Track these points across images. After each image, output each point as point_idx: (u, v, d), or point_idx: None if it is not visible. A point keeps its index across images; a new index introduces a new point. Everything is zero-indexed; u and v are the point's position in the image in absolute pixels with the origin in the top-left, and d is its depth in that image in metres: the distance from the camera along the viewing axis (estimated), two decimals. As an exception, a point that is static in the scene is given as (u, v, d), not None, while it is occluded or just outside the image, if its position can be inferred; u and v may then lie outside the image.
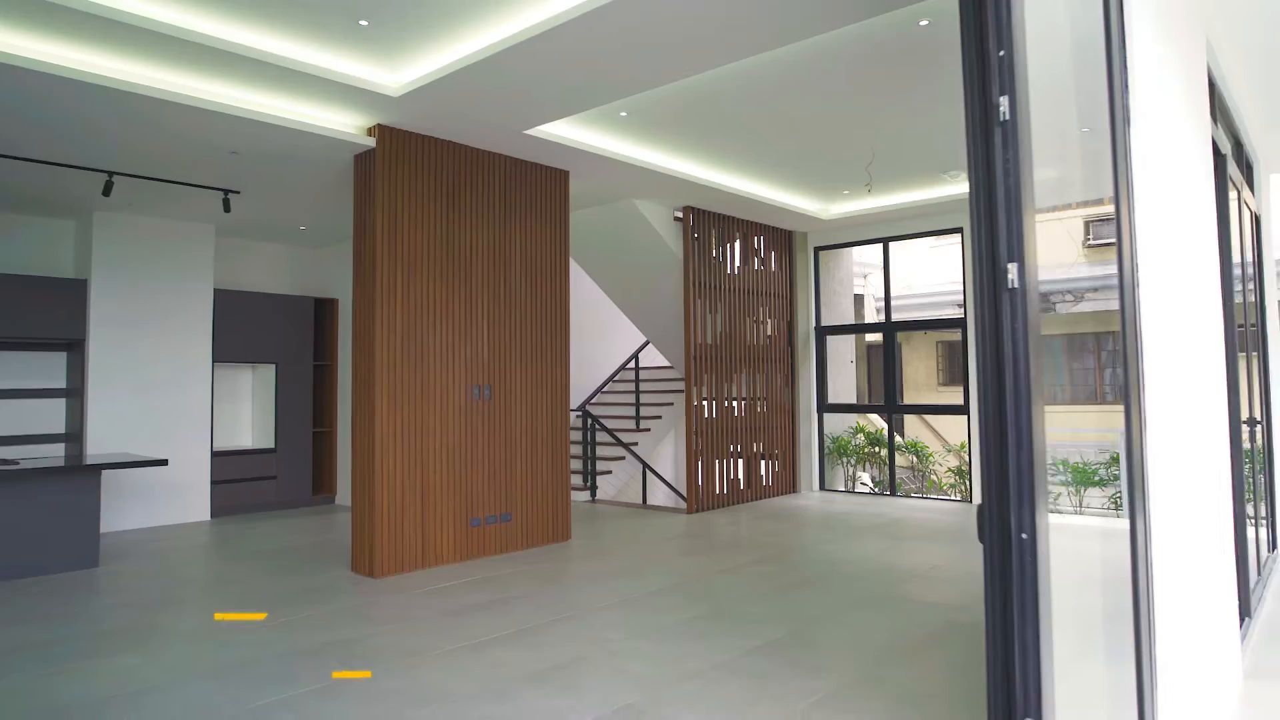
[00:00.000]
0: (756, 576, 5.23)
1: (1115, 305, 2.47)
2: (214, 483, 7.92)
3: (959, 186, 7.67)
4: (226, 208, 6.46)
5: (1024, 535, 1.60)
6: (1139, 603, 2.22)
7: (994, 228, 1.70)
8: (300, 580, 5.26)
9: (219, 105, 4.72)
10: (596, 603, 4.64)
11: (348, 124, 5.27)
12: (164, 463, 5.77)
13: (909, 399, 14.97)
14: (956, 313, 13.29)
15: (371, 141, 5.34)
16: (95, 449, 7.04)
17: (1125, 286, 2.41)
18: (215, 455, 7.97)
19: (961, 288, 14.12)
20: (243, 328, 8.27)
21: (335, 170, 5.92)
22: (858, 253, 10.64)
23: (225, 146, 5.37)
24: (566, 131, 5.83)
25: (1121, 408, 2.41)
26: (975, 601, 4.55)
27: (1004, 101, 1.66)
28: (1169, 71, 2.91)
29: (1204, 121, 3.60)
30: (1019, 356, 1.65)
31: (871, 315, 14.34)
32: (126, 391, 7.26)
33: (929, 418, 13.15)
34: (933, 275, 14.30)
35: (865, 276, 14.08)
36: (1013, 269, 1.66)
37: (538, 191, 6.33)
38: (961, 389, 9.55)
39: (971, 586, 4.90)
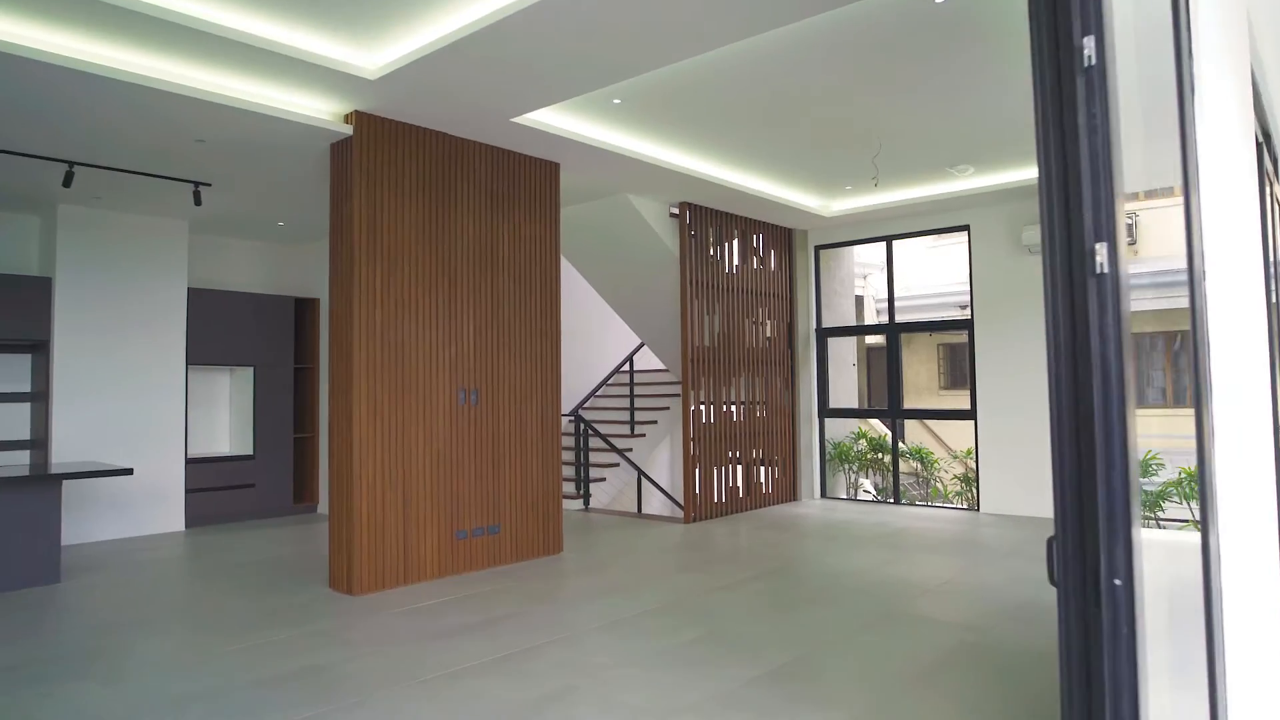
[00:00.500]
0: (757, 593, 4.90)
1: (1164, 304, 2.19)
2: (189, 491, 7.56)
3: (967, 181, 7.37)
4: (197, 201, 6.11)
5: (1117, 581, 1.28)
6: (1211, 624, 1.90)
7: (1075, 200, 1.38)
8: (274, 598, 4.91)
9: (182, 87, 4.38)
10: (588, 624, 4.31)
11: (322, 110, 4.94)
12: (129, 472, 5.42)
13: (909, 403, 14.69)
14: (959, 314, 13.01)
15: (348, 129, 5.01)
16: (61, 456, 6.68)
17: (1194, 284, 2.11)
18: (190, 462, 7.62)
19: (963, 288, 13.87)
20: (219, 329, 7.92)
21: (311, 161, 5.59)
22: (857, 253, 10.34)
23: (191, 133, 5.03)
24: (556, 120, 5.52)
25: (1177, 411, 2.11)
26: (990, 620, 4.24)
27: (1089, 43, 1.35)
28: (1225, 55, 2.62)
29: (1249, 111, 3.32)
30: (1109, 356, 1.33)
31: (871, 317, 14.05)
32: (94, 396, 6.90)
33: (931, 423, 12.86)
34: (932, 276, 14.03)
35: (864, 277, 13.79)
36: (1101, 250, 1.35)
37: (527, 184, 6.00)
38: (967, 393, 9.27)
39: (985, 602, 4.59)
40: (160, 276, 7.38)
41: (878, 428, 10.24)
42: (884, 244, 8.91)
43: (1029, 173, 7.06)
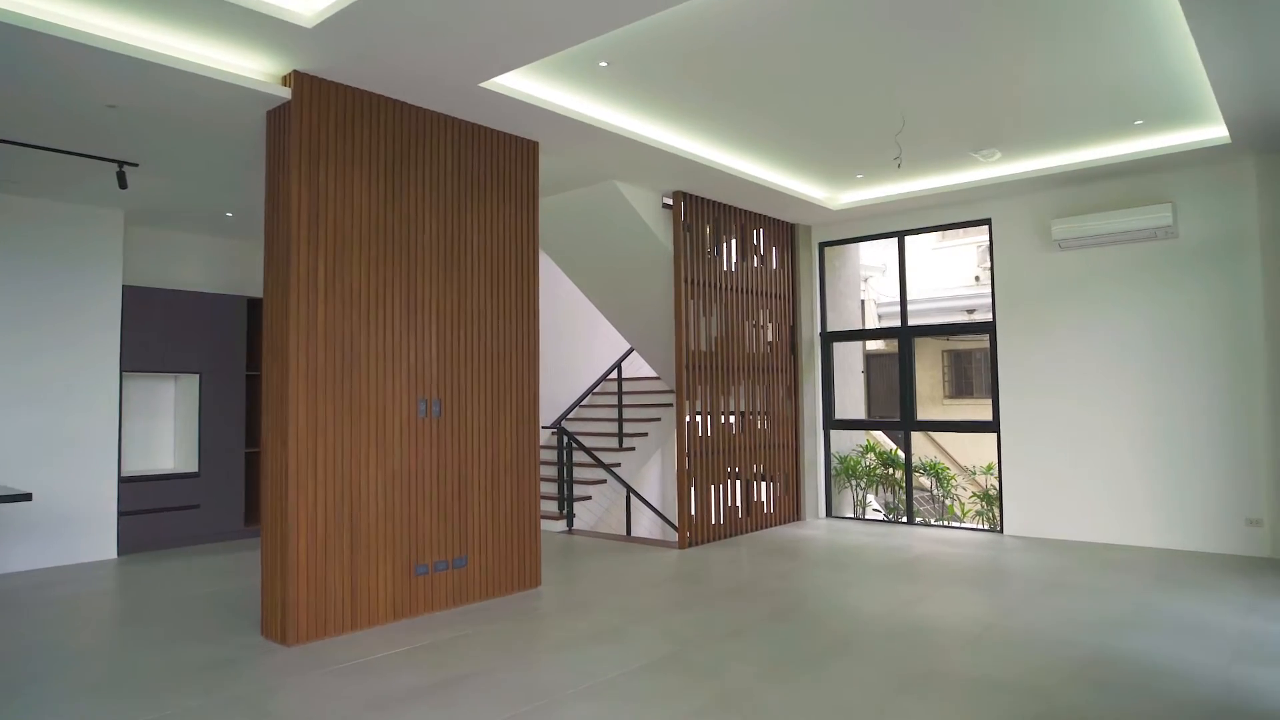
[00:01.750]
0: (770, 641, 4.14)
1: None
2: (122, 514, 6.73)
3: (990, 169, 6.67)
4: (122, 183, 5.32)
5: None
6: None
7: None
8: (194, 649, 4.11)
9: (81, 34, 3.59)
10: (568, 685, 3.53)
11: (254, 69, 4.16)
12: (26, 497, 4.59)
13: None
14: (966, 319, 12.32)
15: (286, 93, 4.24)
16: (-32, 476, 5.85)
17: None
18: (124, 481, 6.78)
19: (970, 291, 13.21)
20: (160, 332, 7.11)
21: (248, 135, 4.81)
22: (860, 253, 9.63)
23: (99, 96, 4.24)
24: (534, 88, 4.76)
25: None
26: (1053, 680, 3.49)
27: None
28: None
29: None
30: None
31: (873, 323, 13.34)
32: (9, 407, 6.08)
33: (937, 436, 12.15)
34: (937, 279, 13.35)
35: (865, 280, 13.09)
36: None
37: (501, 165, 5.24)
38: (973, 403, 8.54)
39: (1041, 655, 3.85)
40: (91, 273, 6.57)
41: (882, 440, 9.52)
42: (895, 240, 8.20)
43: (1063, 158, 6.36)
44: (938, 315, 12.44)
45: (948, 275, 13.36)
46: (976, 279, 13.15)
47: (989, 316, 7.47)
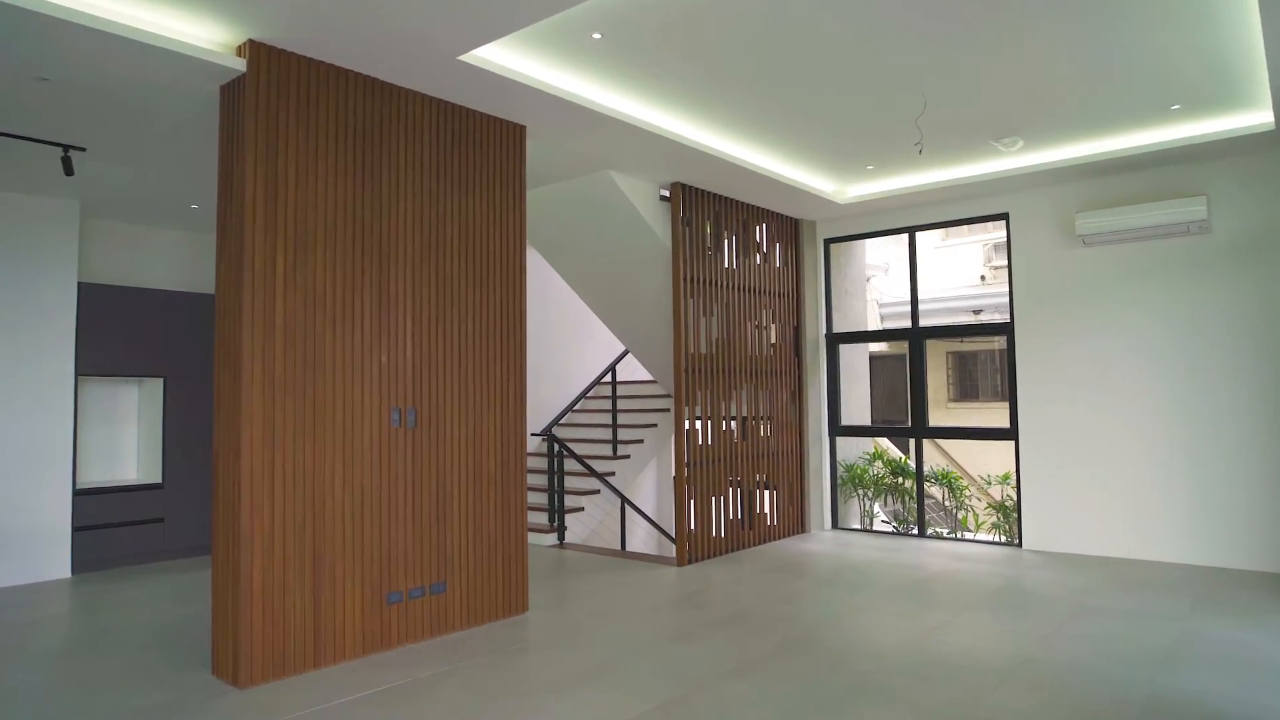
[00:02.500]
0: (781, 681, 3.69)
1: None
2: (76, 530, 6.24)
3: (1009, 160, 6.24)
4: (68, 169, 4.84)
5: None
6: None
7: None
8: (134, 691, 3.63)
9: (-10, -8, 3.12)
10: (557, 740, 3.08)
11: (203, 36, 3.70)
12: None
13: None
14: (972, 319, 11.92)
15: (240, 64, 3.77)
16: (-98, 491, 5.36)
17: None
18: (80, 494, 6.30)
19: (975, 291, 12.80)
20: (120, 333, 6.62)
21: (205, 116, 4.34)
22: (866, 251, 9.19)
23: (27, 67, 3.76)
24: (520, 64, 4.31)
25: None
26: (1123, 735, 3.05)
27: None
28: None
29: None
30: None
31: (875, 325, 12.92)
32: (-50, 414, 5.59)
33: (943, 443, 11.73)
34: (940, 279, 12.93)
35: (868, 280, 12.66)
36: None
37: (484, 151, 4.79)
38: (981, 406, 8.14)
39: (1092, 696, 3.41)
40: (43, 268, 6.08)
41: (888, 448, 9.10)
42: (893, 238, 7.78)
43: (1090, 147, 5.94)
44: (943, 316, 12.03)
45: (953, 275, 12.94)
46: (982, 278, 12.76)
47: (997, 317, 7.04)
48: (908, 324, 7.56)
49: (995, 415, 12.36)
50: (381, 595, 4.16)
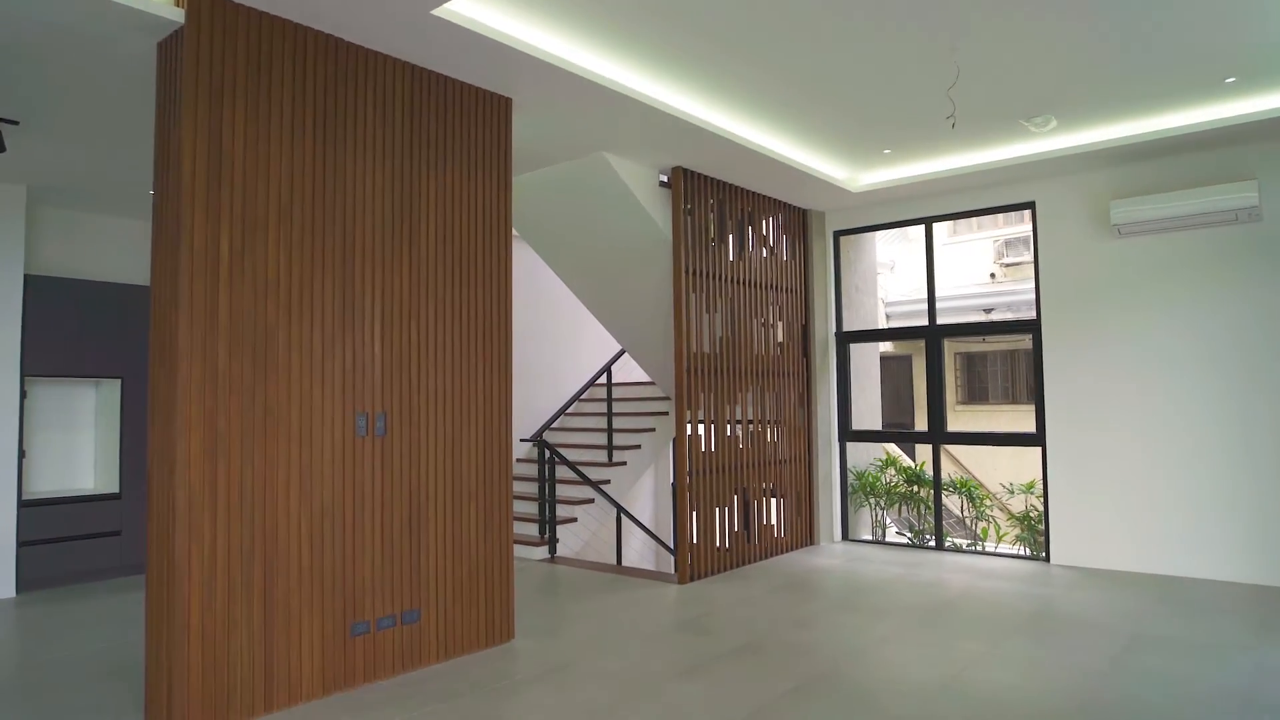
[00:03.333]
0: (810, 729, 3.18)
1: None
2: (23, 545, 5.70)
3: (1037, 143, 5.76)
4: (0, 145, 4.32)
5: None
6: None
7: None
8: (45, 746, 3.11)
9: None
10: (542, 813, 2.56)
11: (133, -19, 3.18)
12: None
13: (920, 419, 13.09)
14: (982, 318, 11.43)
15: (178, 15, 3.25)
16: None
17: None
18: (25, 505, 5.76)
19: (985, 289, 12.31)
20: (73, 330, 6.09)
21: (151, 88, 3.83)
22: (876, 246, 8.70)
23: (-72, 18, 3.25)
24: (504, 23, 3.80)
25: None
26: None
27: None
28: None
29: None
30: None
31: (882, 324, 12.43)
32: (-126, 419, 5.05)
33: (954, 449, 11.24)
34: (951, 276, 12.44)
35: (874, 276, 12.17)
36: None
37: (466, 125, 4.27)
38: (1007, 409, 7.69)
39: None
40: (-18, 259, 5.55)
41: (900, 455, 8.60)
42: (912, 232, 7.29)
43: (1128, 127, 5.46)
44: (951, 315, 11.53)
45: (961, 272, 12.46)
46: (992, 276, 12.28)
47: (1009, 316, 6.53)
48: (916, 323, 7.06)
49: (1006, 419, 11.89)
50: (344, 626, 3.64)
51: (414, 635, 3.91)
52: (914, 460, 8.43)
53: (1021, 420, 11.85)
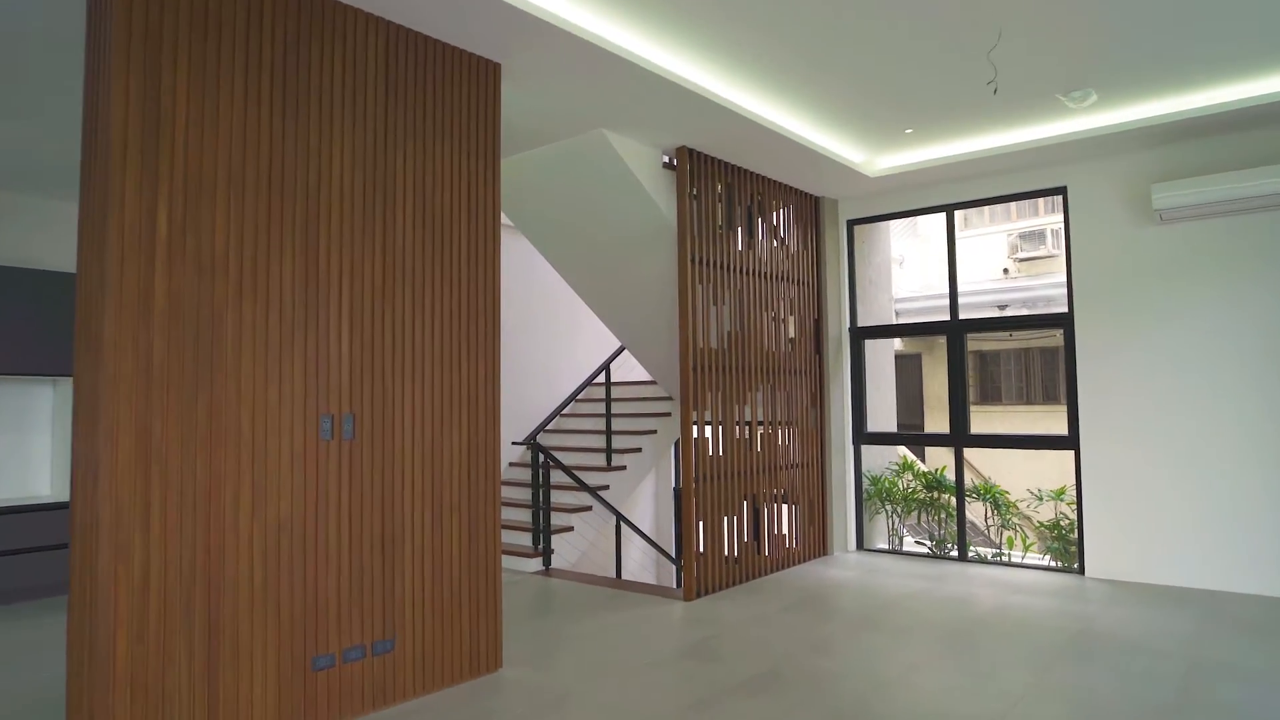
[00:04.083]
0: (844, 784, 2.72)
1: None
2: (-33, 558, 5.23)
3: (1072, 122, 5.31)
4: (-79, 114, 3.85)
5: None
6: None
7: None
8: (-56, 807, 2.64)
9: None
10: None
11: (50, -93, 2.72)
12: None
13: (931, 420, 12.64)
14: (995, 315, 10.97)
15: (105, -52, 2.79)
16: None
17: None
18: (-29, 515, 5.28)
19: (997, 286, 11.85)
20: (26, 323, 5.62)
21: (72, 33, 3.36)
22: (890, 238, 8.24)
23: None
24: (490, -31, 3.34)
25: None
26: None
27: None
28: None
29: None
30: None
31: (890, 320, 11.97)
32: None
33: (966, 452, 10.75)
34: (962, 272, 11.98)
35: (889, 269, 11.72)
36: None
37: (449, 92, 3.81)
38: (1022, 410, 7.28)
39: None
40: (-78, 245, 5.08)
41: (909, 456, 8.14)
42: (936, 219, 6.86)
43: (1174, 103, 5.00)
44: (964, 312, 11.08)
45: (972, 268, 12.01)
46: (1005, 272, 11.84)
47: (1024, 312, 6.07)
48: (925, 320, 6.61)
49: (1021, 420, 11.43)
50: (304, 660, 3.17)
51: (387, 667, 3.44)
52: (924, 463, 7.98)
53: (1037, 422, 11.40)
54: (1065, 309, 5.95)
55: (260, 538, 3.05)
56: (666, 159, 5.51)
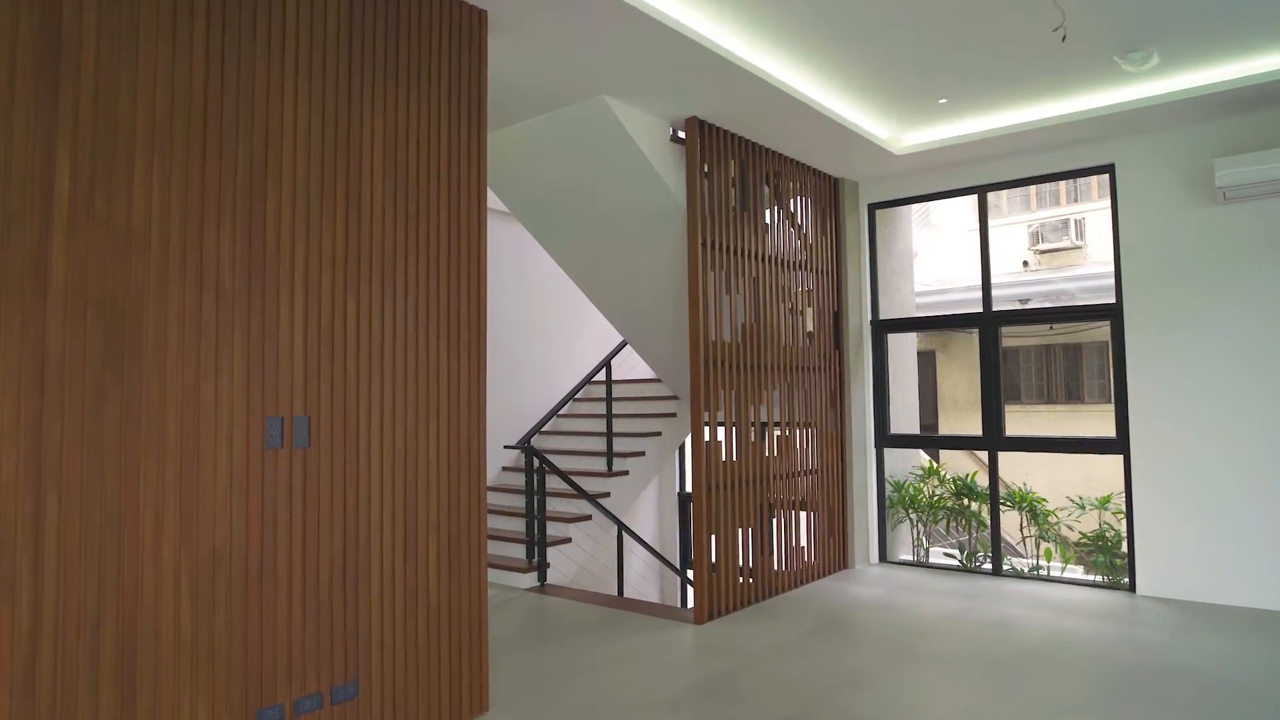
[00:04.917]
0: None
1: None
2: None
3: (1122, 90, 4.78)
4: None
5: None
6: None
7: None
8: None
9: None
10: None
11: None
12: None
13: (946, 421, 12.11)
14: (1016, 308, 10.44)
15: None
16: None
17: None
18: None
19: (1016, 279, 11.33)
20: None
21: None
22: (912, 227, 7.71)
23: None
24: (471, -117, 2.79)
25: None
26: None
27: None
28: None
29: None
30: None
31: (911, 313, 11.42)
32: None
33: (982, 455, 10.23)
34: (976, 265, 11.44)
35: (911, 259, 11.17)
36: None
37: (425, 42, 3.26)
38: (1043, 410, 6.76)
39: None
40: None
41: (927, 460, 7.60)
42: (962, 202, 6.32)
43: (1239, 67, 4.47)
44: (978, 307, 10.56)
45: (991, 259, 11.44)
46: (1025, 264, 11.30)
47: (1047, 305, 5.56)
48: (945, 314, 6.09)
49: (1042, 421, 10.91)
50: (244, 713, 2.62)
51: (349, 716, 2.89)
52: (939, 466, 7.46)
53: (1061, 423, 10.86)
54: (1112, 299, 5.41)
55: (190, 570, 2.50)
56: (677, 131, 4.97)
